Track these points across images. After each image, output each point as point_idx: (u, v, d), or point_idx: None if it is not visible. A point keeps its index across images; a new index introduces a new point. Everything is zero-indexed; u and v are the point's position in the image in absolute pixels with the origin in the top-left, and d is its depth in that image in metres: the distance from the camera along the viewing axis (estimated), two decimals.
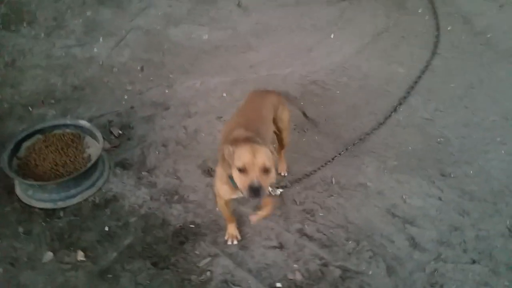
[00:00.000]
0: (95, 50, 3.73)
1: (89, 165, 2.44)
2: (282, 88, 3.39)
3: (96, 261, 2.24)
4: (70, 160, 2.55)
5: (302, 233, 2.43)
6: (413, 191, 2.70)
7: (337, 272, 2.24)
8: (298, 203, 2.59)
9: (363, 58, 3.86)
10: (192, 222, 2.45)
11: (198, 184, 2.67)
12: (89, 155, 2.62)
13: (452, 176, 2.82)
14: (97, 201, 2.53)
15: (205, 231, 2.41)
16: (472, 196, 2.69)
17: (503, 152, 3.01)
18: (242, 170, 1.75)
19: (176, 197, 2.58)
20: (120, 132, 3.01)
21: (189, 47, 3.91)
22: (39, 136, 2.67)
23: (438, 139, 3.09)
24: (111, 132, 2.99)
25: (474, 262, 2.32)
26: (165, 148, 2.91)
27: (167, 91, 3.41)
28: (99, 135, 2.62)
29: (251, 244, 2.35)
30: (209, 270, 2.21)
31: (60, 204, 2.46)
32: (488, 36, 4.24)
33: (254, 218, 2.17)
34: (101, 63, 3.62)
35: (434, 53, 3.97)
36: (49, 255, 2.26)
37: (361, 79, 3.63)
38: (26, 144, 2.63)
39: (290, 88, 3.46)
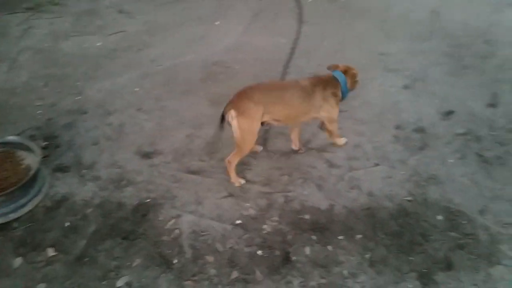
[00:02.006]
0: None
1: (32, 172, 2.53)
2: (187, 73, 3.75)
3: (68, 251, 2.37)
4: (10, 174, 2.59)
5: (250, 181, 2.82)
6: (319, 128, 3.27)
7: (281, 199, 2.68)
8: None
9: (250, 35, 4.38)
10: (147, 197, 2.69)
11: (141, 167, 2.90)
12: (28, 165, 2.69)
13: (344, 110, 3.45)
14: (48, 204, 2.62)
15: (162, 201, 2.67)
16: (362, 121, 3.34)
17: (375, 84, 3.75)
18: None
19: (123, 182, 2.79)
20: (46, 143, 3.08)
21: (87, 56, 4.03)
22: None
23: None
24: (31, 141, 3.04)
25: (376, 165, 2.94)
26: (97, 146, 3.07)
27: (79, 97, 3.53)
28: (31, 144, 2.71)
29: (205, 199, 2.68)
30: (177, 228, 2.49)
31: (12, 216, 2.51)
32: (342, 1, 5.08)
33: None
34: None
35: (301, 22, 4.65)
36: (18, 260, 2.32)
37: (253, 52, 4.13)
38: None
39: (194, 72, 3.83)
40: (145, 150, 3.04)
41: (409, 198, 2.68)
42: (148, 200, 2.67)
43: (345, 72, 2.87)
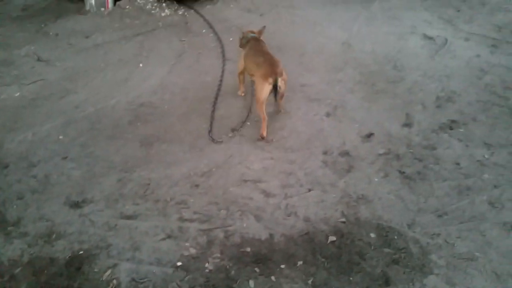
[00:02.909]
0: None
1: None
2: (113, 117, 3.71)
3: None
4: None
5: (181, 220, 2.81)
6: (252, 159, 3.36)
7: (221, 234, 2.70)
8: (169, 199, 2.96)
9: (176, 76, 4.44)
10: (80, 249, 2.57)
11: (71, 218, 2.78)
12: None
13: (274, 140, 3.59)
14: None
15: (96, 251, 2.56)
16: (292, 149, 3.49)
17: (300, 114, 3.95)
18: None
19: (54, 235, 2.65)
20: None
21: (4, 107, 3.84)
22: None
23: (255, 119, 3.85)
24: None
25: (310, 190, 3.08)
26: (22, 200, 2.89)
27: None
28: None
29: (143, 244, 2.62)
30: (114, 278, 2.40)
31: None
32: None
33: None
34: None
35: (225, 60, 4.82)
36: None
37: (180, 92, 4.18)
38: None
39: (121, 115, 3.79)
40: (74, 200, 2.93)
41: (342, 220, 2.82)
42: (81, 252, 2.56)
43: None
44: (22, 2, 6.11)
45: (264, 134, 3.56)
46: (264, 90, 3.46)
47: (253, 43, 3.90)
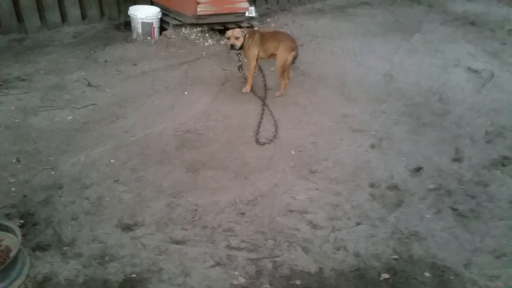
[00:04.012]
0: None
1: (13, 253, 2.40)
2: (160, 142, 3.81)
3: None
4: None
5: (229, 247, 2.81)
6: (297, 189, 3.36)
7: (269, 265, 2.68)
8: (217, 226, 2.97)
9: (219, 104, 4.54)
10: (132, 272, 2.59)
11: (123, 240, 2.82)
12: (7, 246, 2.55)
13: (318, 171, 3.58)
14: (30, 287, 2.47)
15: (148, 275, 2.58)
16: (337, 181, 3.47)
17: (344, 145, 3.95)
18: (228, 38, 4.49)
19: (107, 257, 2.69)
20: (22, 221, 2.95)
21: (58, 130, 3.99)
22: None
23: (298, 148, 3.87)
24: (8, 219, 2.90)
25: (358, 224, 3.03)
26: (76, 221, 2.97)
27: (53, 172, 3.44)
28: (10, 223, 2.59)
29: (193, 270, 2.62)
30: None
31: None
32: (301, 68, 5.42)
33: (245, 88, 4.80)
34: None
35: (266, 89, 4.90)
36: None
37: (223, 120, 4.26)
38: None
39: (168, 141, 3.88)
40: (126, 223, 2.97)
41: (395, 257, 2.75)
42: (133, 275, 2.58)
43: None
44: (73, 29, 6.42)
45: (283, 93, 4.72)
46: (288, 59, 4.47)
47: (258, 32, 4.66)
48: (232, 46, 4.49)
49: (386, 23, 7.51)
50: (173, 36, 5.89)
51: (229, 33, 4.50)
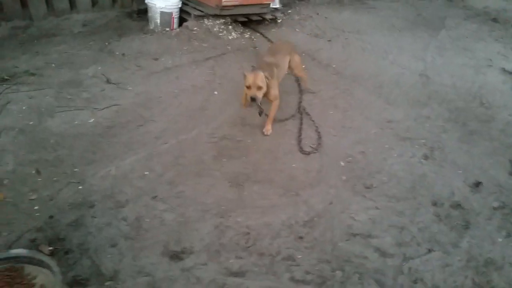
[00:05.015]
0: None
1: None
2: (196, 151, 3.45)
3: None
4: None
5: (293, 280, 2.50)
6: (355, 208, 3.05)
7: None
8: (275, 254, 2.66)
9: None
10: None
11: (173, 273, 2.49)
12: (42, 285, 2.19)
13: (374, 186, 3.28)
14: None
15: None
16: (397, 198, 3.18)
17: (395, 155, 3.65)
18: (248, 87, 3.40)
19: None
20: (51, 248, 2.59)
21: (80, 135, 3.59)
22: None
23: (347, 159, 3.56)
24: (41, 252, 2.54)
25: (430, 250, 2.75)
26: (115, 248, 2.62)
27: (80, 187, 3.07)
28: (45, 258, 2.23)
29: None
30: None
31: None
32: (334, 66, 5.08)
33: (266, 128, 3.75)
34: None
35: (301, 89, 4.55)
36: None
37: (260, 125, 3.90)
38: None
39: (204, 149, 3.53)
40: (172, 250, 2.64)
41: None
42: None
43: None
44: (82, 17, 5.94)
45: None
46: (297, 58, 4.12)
47: (273, 65, 3.72)
48: (254, 99, 3.40)
49: (409, 17, 7.19)
50: (195, 28, 5.47)
51: (249, 80, 3.39)
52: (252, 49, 5.30)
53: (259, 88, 3.38)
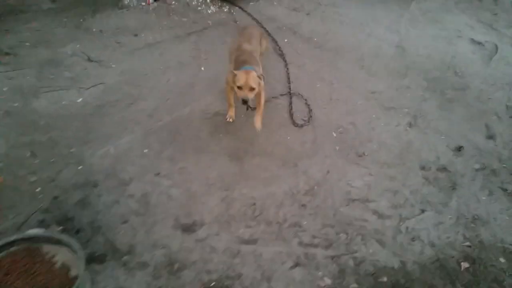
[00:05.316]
0: None
1: (79, 272, 2.08)
2: (192, 127, 3.48)
3: None
4: (47, 279, 2.10)
5: (302, 245, 2.64)
6: (351, 176, 3.21)
7: (351, 262, 2.56)
8: (282, 221, 2.78)
9: None
10: (210, 280, 2.37)
11: (188, 244, 2.57)
12: (63, 263, 2.21)
13: (366, 154, 3.45)
14: None
15: (228, 281, 2.38)
16: (388, 164, 3.36)
17: (382, 124, 3.82)
18: (239, 87, 3.02)
19: (176, 265, 2.44)
20: (61, 227, 2.59)
21: (70, 115, 3.53)
22: None
23: (339, 130, 3.69)
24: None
25: (423, 211, 2.96)
26: (127, 224, 2.66)
27: (80, 167, 3.05)
28: (64, 236, 2.24)
29: (274, 273, 2.44)
30: None
31: None
32: (315, 39, 5.16)
33: (257, 123, 3.36)
34: None
35: (287, 64, 4.61)
36: None
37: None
38: None
39: (199, 125, 3.56)
40: (184, 223, 2.71)
41: (467, 244, 2.71)
42: (213, 283, 2.36)
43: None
44: None
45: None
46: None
47: (249, 46, 3.59)
48: (245, 102, 3.08)
49: None
50: (173, 2, 5.36)
51: (241, 80, 3.01)
52: (234, 23, 5.28)
53: (252, 89, 3.02)
